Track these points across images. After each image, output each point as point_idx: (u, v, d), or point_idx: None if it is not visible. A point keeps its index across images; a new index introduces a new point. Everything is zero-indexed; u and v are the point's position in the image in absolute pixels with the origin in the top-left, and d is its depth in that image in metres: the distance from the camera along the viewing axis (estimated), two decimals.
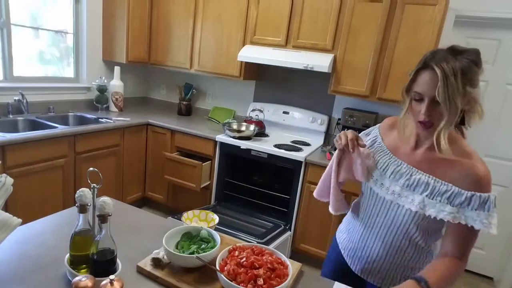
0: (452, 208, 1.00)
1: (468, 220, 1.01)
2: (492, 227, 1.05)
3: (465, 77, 0.92)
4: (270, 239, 2.38)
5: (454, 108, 0.93)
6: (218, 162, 2.87)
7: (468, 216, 1.01)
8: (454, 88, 0.91)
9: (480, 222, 1.02)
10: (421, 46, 2.33)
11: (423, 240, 1.10)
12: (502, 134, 2.68)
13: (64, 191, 2.45)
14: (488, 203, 1.05)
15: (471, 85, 0.94)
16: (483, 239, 2.85)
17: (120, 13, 3.06)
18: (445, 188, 1.00)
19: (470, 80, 0.93)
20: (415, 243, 1.10)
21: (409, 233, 1.08)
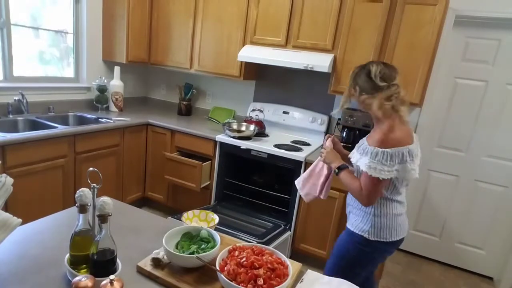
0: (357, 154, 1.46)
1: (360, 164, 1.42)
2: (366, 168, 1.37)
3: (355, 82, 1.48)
4: (270, 239, 2.38)
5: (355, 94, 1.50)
6: (218, 162, 2.87)
7: (361, 162, 1.41)
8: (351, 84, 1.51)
9: (364, 165, 1.38)
10: (421, 46, 2.33)
11: None
12: (502, 134, 2.68)
13: (64, 191, 2.45)
14: (369, 152, 1.38)
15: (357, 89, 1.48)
16: (483, 239, 2.85)
17: (120, 13, 3.06)
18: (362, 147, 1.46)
19: (358, 84, 1.47)
20: None
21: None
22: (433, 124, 2.86)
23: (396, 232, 1.48)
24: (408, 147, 1.36)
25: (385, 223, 1.46)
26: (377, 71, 1.40)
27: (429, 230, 3.04)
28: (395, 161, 1.34)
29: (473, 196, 2.84)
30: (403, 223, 1.51)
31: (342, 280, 1.06)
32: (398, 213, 1.48)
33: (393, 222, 1.46)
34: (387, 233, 1.46)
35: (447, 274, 2.91)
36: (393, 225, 1.47)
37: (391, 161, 1.33)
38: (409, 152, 1.36)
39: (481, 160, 2.77)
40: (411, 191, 3.00)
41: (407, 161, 1.35)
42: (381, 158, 1.33)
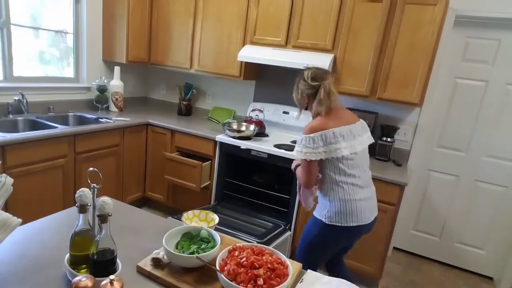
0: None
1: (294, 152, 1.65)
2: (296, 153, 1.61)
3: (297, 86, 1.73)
4: (270, 239, 2.38)
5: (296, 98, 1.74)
6: (218, 162, 2.87)
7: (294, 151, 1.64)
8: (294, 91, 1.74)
9: (295, 151, 1.62)
10: (421, 46, 2.34)
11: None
12: (502, 134, 2.68)
13: (64, 191, 2.45)
14: (298, 140, 1.61)
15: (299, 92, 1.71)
16: (483, 239, 2.85)
17: (120, 13, 3.06)
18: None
19: (299, 88, 1.71)
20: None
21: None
22: (433, 124, 2.86)
23: (352, 218, 1.58)
24: (333, 130, 1.54)
25: (338, 209, 1.58)
26: (309, 74, 1.65)
27: (429, 230, 3.04)
28: (319, 144, 1.54)
29: (473, 196, 2.84)
30: (359, 210, 1.59)
31: (342, 280, 1.06)
32: (352, 199, 1.58)
33: (346, 208, 1.57)
34: (341, 218, 1.58)
35: (447, 274, 2.91)
36: (346, 211, 1.57)
37: (315, 144, 1.54)
38: (333, 134, 1.54)
39: (481, 160, 2.77)
40: (411, 191, 3.01)
41: (331, 142, 1.54)
42: (305, 142, 1.56)
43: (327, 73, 1.66)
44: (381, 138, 2.71)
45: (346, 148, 1.55)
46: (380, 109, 2.83)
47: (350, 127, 1.60)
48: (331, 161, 1.57)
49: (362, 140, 1.65)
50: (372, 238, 2.41)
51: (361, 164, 1.63)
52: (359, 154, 1.62)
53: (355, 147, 1.58)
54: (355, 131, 1.61)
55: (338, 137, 1.54)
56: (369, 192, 1.68)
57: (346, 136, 1.56)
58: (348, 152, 1.56)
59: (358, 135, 1.62)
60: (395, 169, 2.52)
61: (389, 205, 2.32)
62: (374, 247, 2.42)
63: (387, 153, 2.69)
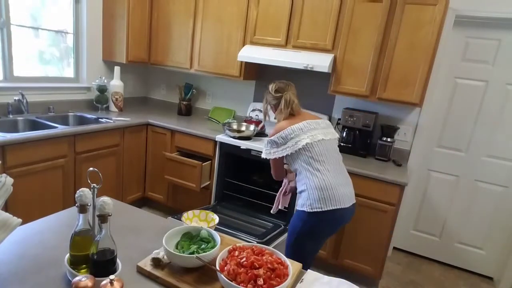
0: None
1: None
2: (263, 155, 1.84)
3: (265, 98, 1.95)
4: (270, 239, 2.38)
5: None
6: (218, 162, 2.87)
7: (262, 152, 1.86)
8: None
9: (263, 153, 1.84)
10: (421, 46, 2.34)
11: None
12: (502, 134, 2.68)
13: (64, 191, 2.45)
14: (265, 143, 1.83)
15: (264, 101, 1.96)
16: (483, 239, 2.85)
17: (120, 13, 3.06)
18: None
19: (267, 99, 1.94)
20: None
21: None
22: (433, 124, 2.86)
23: (330, 202, 1.67)
24: (291, 127, 1.73)
25: (317, 196, 1.67)
26: (273, 87, 1.89)
27: (429, 230, 3.04)
28: (281, 142, 1.75)
29: (473, 196, 2.84)
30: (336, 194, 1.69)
31: (342, 280, 1.06)
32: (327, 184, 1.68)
33: (324, 194, 1.67)
34: (321, 204, 1.67)
35: (447, 274, 2.91)
36: (325, 196, 1.67)
37: (277, 145, 1.76)
38: (291, 130, 1.72)
39: (481, 160, 2.77)
40: (411, 191, 3.01)
41: (291, 137, 1.72)
42: (270, 145, 1.80)
43: (289, 85, 1.89)
44: (381, 138, 2.71)
45: (306, 138, 1.71)
46: (380, 109, 2.83)
47: (308, 121, 1.77)
48: (299, 153, 1.72)
49: (325, 132, 1.78)
50: (372, 238, 2.42)
51: (329, 151, 1.75)
52: (324, 142, 1.75)
53: (317, 135, 1.73)
54: (313, 124, 1.77)
55: (296, 131, 1.72)
56: (344, 179, 1.79)
57: (304, 128, 1.73)
58: (309, 140, 1.71)
59: (318, 128, 1.77)
60: (395, 169, 2.52)
61: (389, 205, 2.32)
62: (374, 247, 2.42)
63: (387, 153, 2.69)
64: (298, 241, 1.76)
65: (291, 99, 1.82)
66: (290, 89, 1.86)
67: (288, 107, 1.81)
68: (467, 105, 2.75)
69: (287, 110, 1.81)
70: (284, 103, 1.82)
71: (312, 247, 1.79)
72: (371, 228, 2.40)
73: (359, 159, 2.65)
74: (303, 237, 1.74)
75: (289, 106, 1.81)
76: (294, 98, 1.83)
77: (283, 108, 1.82)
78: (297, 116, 1.83)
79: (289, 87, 1.87)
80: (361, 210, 2.39)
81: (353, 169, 2.36)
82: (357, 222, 2.43)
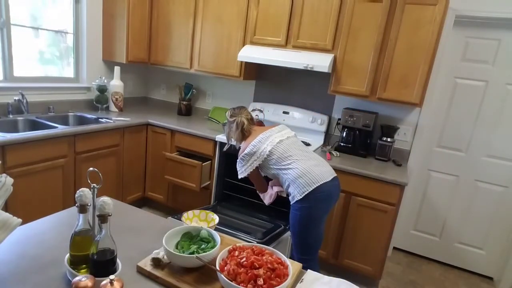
0: None
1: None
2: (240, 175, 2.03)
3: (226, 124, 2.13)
4: (270, 239, 2.38)
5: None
6: (218, 162, 2.87)
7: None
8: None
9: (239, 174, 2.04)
10: (421, 46, 2.34)
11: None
12: (502, 134, 2.68)
13: (64, 191, 2.45)
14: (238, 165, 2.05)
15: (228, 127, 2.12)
16: (483, 239, 2.85)
17: (120, 13, 3.06)
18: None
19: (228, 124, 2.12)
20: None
21: None
22: (433, 124, 2.86)
23: (313, 181, 1.83)
24: (251, 143, 1.95)
25: (301, 183, 1.84)
26: (228, 113, 2.10)
27: (429, 230, 3.04)
28: (247, 160, 1.96)
29: (473, 196, 2.84)
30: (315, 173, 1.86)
31: (342, 280, 1.06)
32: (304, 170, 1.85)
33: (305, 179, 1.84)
34: (306, 187, 1.83)
35: (447, 274, 2.91)
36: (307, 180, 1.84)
37: (245, 161, 1.97)
38: (253, 145, 1.93)
39: (481, 160, 2.77)
40: (411, 191, 3.01)
41: (255, 151, 1.93)
42: (241, 164, 2.00)
43: (242, 109, 2.10)
44: (381, 138, 2.71)
45: (267, 146, 1.92)
46: (380, 109, 2.84)
47: (262, 135, 1.97)
48: (267, 160, 1.93)
49: (281, 134, 2.00)
50: (372, 238, 2.42)
51: (291, 146, 1.95)
52: (284, 142, 1.95)
53: (274, 140, 1.94)
54: (268, 133, 1.98)
55: (257, 145, 1.94)
56: (316, 161, 1.95)
57: (262, 140, 1.95)
58: (270, 147, 1.91)
59: (273, 134, 1.98)
60: (395, 169, 2.52)
61: (389, 205, 2.32)
62: (374, 247, 2.42)
63: (387, 153, 2.69)
64: (302, 229, 1.90)
65: (241, 121, 2.04)
66: (243, 112, 2.08)
67: (238, 128, 2.04)
68: (467, 105, 2.75)
69: (238, 131, 2.05)
70: (235, 126, 2.06)
71: (315, 230, 1.91)
72: (371, 228, 2.40)
73: (359, 159, 2.65)
74: (304, 223, 1.88)
75: (239, 127, 2.04)
76: (245, 120, 2.05)
77: (235, 130, 2.07)
78: (252, 134, 2.04)
79: (242, 111, 2.09)
80: (361, 210, 2.39)
81: (353, 169, 2.36)
82: (357, 222, 2.43)
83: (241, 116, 2.06)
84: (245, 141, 2.03)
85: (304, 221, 1.88)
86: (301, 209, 1.87)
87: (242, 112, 2.09)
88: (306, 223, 1.88)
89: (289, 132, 2.08)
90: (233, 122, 2.07)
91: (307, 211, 1.87)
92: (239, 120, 2.05)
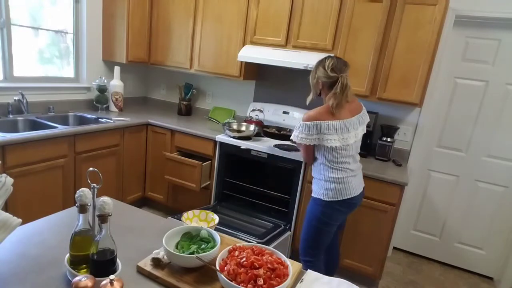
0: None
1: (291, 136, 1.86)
2: (292, 137, 1.83)
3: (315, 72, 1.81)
4: (270, 239, 2.38)
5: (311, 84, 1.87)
6: (218, 162, 2.87)
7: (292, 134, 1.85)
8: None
9: (292, 135, 1.82)
10: (421, 46, 2.34)
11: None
12: (502, 134, 2.68)
13: (64, 191, 2.45)
14: (296, 126, 1.81)
15: (316, 77, 1.81)
16: (483, 239, 2.85)
17: (120, 13, 3.06)
18: None
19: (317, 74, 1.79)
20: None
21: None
22: (433, 124, 2.86)
23: (345, 192, 1.81)
24: (328, 122, 1.71)
25: (333, 186, 1.80)
26: (330, 64, 1.75)
27: (429, 230, 3.04)
28: (313, 131, 1.73)
29: (473, 196, 2.84)
30: (350, 186, 1.83)
31: (342, 280, 1.06)
32: (341, 177, 1.80)
33: (338, 185, 1.80)
34: (336, 194, 1.81)
35: (447, 274, 2.91)
36: (339, 188, 1.80)
37: (309, 131, 1.74)
38: (327, 125, 1.71)
39: (481, 160, 2.77)
40: (411, 191, 3.01)
41: (324, 132, 1.72)
42: (301, 129, 1.76)
43: (347, 66, 1.76)
44: (381, 138, 2.71)
45: (337, 140, 1.73)
46: (380, 109, 2.83)
47: (345, 121, 1.75)
48: (326, 148, 1.77)
49: (356, 133, 1.81)
50: (372, 238, 2.42)
51: (353, 153, 1.84)
52: (352, 145, 1.80)
53: (348, 140, 1.76)
54: (349, 125, 1.76)
55: (331, 129, 1.71)
56: (357, 169, 1.90)
57: (339, 129, 1.73)
58: (339, 144, 1.74)
59: (352, 129, 1.78)
60: (395, 169, 2.52)
61: (389, 205, 2.32)
62: (374, 247, 2.42)
63: (387, 153, 2.69)
64: (315, 226, 1.89)
65: (347, 84, 1.70)
66: (347, 70, 1.74)
67: (343, 93, 1.69)
68: (467, 105, 2.75)
69: (341, 97, 1.70)
70: (340, 88, 1.68)
71: (329, 229, 1.92)
72: (371, 228, 2.40)
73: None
74: (319, 223, 1.88)
75: (344, 92, 1.69)
76: (349, 83, 1.72)
77: (338, 92, 1.69)
78: (344, 106, 1.73)
79: (346, 68, 1.74)
80: (361, 210, 2.39)
81: None
82: (357, 222, 2.43)
83: (345, 74, 1.72)
84: (323, 108, 1.74)
85: (320, 221, 1.88)
86: (322, 208, 1.85)
87: (346, 69, 1.75)
88: (321, 223, 1.89)
89: (363, 129, 1.88)
90: (337, 79, 1.71)
91: (326, 215, 1.86)
92: (344, 81, 1.71)
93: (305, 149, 1.86)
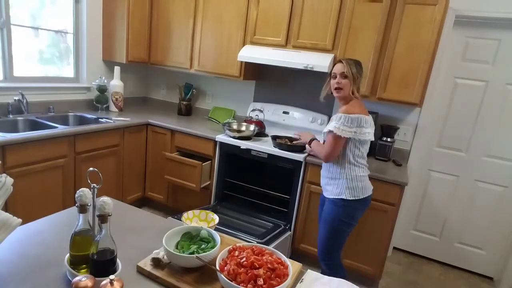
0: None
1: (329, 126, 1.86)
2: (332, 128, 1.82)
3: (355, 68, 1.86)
4: (270, 239, 2.38)
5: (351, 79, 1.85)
6: (218, 162, 2.87)
7: (330, 125, 1.85)
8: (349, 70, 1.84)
9: (332, 126, 1.83)
10: (421, 46, 2.34)
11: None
12: (502, 134, 2.68)
13: (64, 191, 2.45)
14: (337, 117, 1.83)
15: (359, 74, 1.87)
16: (483, 239, 2.85)
17: (120, 13, 3.06)
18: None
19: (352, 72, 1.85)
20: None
21: None
22: (433, 124, 2.86)
23: (365, 190, 1.91)
24: (366, 117, 1.84)
25: (355, 185, 1.88)
26: (362, 63, 1.92)
27: (429, 230, 3.04)
28: (354, 124, 1.80)
29: (473, 196, 2.84)
30: (368, 184, 1.95)
31: (342, 280, 1.06)
32: (363, 175, 1.91)
33: (360, 183, 1.89)
34: (358, 191, 1.88)
35: (447, 274, 2.91)
36: (361, 186, 1.89)
37: (351, 124, 1.80)
38: (365, 120, 1.83)
39: (481, 160, 2.77)
40: (411, 191, 3.01)
41: (363, 126, 1.82)
42: (344, 121, 1.81)
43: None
44: (381, 138, 2.71)
45: (370, 133, 1.86)
46: (380, 109, 2.83)
47: (370, 117, 1.89)
48: (354, 143, 1.85)
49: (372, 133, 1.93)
50: (372, 238, 2.42)
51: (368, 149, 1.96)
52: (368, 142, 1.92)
53: (371, 134, 1.88)
54: (370, 121, 1.89)
55: (367, 123, 1.84)
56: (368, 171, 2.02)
57: (370, 124, 1.87)
58: (372, 138, 1.87)
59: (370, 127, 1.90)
60: (395, 169, 2.52)
61: (389, 205, 2.32)
62: (374, 247, 2.42)
63: (387, 153, 2.69)
64: (338, 227, 1.94)
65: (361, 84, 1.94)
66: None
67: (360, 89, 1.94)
68: (467, 105, 2.75)
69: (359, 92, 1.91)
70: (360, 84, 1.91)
71: (349, 229, 1.98)
72: (371, 228, 2.40)
73: None
74: (342, 224, 1.93)
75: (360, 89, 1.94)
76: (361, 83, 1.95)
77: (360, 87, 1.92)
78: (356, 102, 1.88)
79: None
80: None
81: None
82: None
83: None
84: (355, 104, 1.86)
85: (343, 222, 1.93)
86: (345, 208, 1.89)
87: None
88: (344, 225, 1.93)
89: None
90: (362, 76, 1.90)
91: (349, 214, 1.91)
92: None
93: (337, 143, 1.84)
